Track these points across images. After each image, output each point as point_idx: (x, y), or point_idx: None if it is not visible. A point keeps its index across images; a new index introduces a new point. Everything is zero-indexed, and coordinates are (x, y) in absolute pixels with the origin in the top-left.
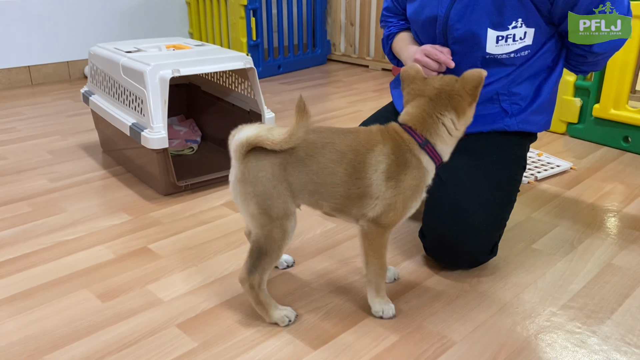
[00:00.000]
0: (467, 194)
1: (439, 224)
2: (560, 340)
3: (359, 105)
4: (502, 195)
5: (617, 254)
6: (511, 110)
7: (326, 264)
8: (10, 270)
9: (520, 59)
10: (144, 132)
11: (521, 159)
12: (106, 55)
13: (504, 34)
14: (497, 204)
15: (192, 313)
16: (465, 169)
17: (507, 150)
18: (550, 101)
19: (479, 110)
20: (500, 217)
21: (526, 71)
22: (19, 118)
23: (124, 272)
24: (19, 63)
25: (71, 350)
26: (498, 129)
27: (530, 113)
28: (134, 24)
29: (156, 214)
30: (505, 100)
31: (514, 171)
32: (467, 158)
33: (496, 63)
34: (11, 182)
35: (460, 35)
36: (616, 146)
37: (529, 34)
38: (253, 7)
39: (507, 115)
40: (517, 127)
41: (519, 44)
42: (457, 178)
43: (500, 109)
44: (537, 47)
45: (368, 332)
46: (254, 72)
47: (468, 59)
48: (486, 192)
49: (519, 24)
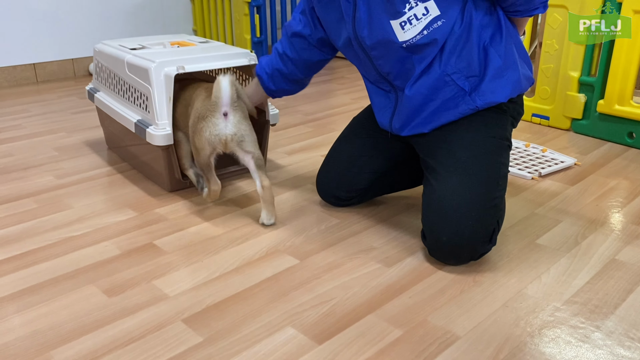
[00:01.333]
0: (452, 190)
1: (434, 224)
2: (564, 335)
3: (362, 101)
4: (489, 182)
5: (621, 250)
6: (470, 86)
7: (330, 259)
8: (17, 266)
9: (439, 31)
10: (149, 128)
11: (503, 138)
12: (111, 53)
13: (405, 19)
14: (485, 193)
15: (197, 308)
16: (448, 164)
17: (487, 133)
18: (507, 62)
19: (442, 99)
20: (491, 205)
21: (459, 40)
22: (25, 115)
23: (130, 267)
24: (24, 60)
25: (78, 344)
26: (466, 112)
27: (488, 82)
28: (139, 22)
29: (161, 210)
30: (458, 77)
31: (498, 153)
32: (449, 152)
33: (419, 47)
34: (17, 179)
35: (372, 42)
36: (621, 142)
37: (430, 7)
38: (257, 4)
39: (466, 93)
40: (483, 102)
41: (425, 19)
42: (442, 175)
43: (458, 88)
44: (452, 12)
45: (372, 327)
46: None
47: (392, 56)
48: (471, 183)
49: (413, 3)
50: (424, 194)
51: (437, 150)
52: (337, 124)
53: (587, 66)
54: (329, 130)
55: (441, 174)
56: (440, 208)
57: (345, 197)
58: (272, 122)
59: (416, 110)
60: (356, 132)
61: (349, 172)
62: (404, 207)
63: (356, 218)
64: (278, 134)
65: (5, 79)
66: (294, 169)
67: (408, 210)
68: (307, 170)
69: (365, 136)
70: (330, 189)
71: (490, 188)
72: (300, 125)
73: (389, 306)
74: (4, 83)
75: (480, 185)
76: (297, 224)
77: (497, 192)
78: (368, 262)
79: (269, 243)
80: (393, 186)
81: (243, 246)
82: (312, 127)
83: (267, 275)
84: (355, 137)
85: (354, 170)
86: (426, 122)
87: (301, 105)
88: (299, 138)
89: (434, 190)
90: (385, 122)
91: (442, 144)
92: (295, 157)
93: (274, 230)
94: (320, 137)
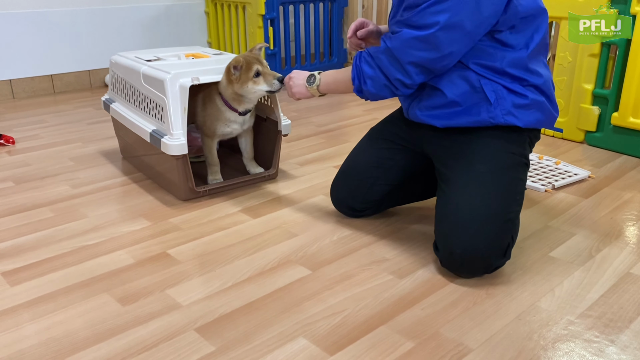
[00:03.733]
0: (470, 202)
1: (448, 236)
2: (578, 349)
3: (374, 113)
4: (506, 198)
5: (635, 263)
6: (495, 96)
7: (342, 270)
8: (33, 274)
9: None
10: (163, 138)
11: (522, 156)
12: (127, 64)
13: None
14: (502, 207)
15: (210, 317)
16: (465, 176)
17: (506, 149)
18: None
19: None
20: (507, 219)
21: None
22: (42, 125)
23: (144, 276)
24: (42, 72)
25: (92, 352)
26: (484, 122)
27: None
28: (154, 34)
29: (175, 220)
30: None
31: (516, 170)
32: (467, 164)
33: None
34: (34, 188)
35: None
36: (635, 155)
37: None
38: (271, 16)
39: (491, 105)
40: (503, 120)
41: None
42: (459, 187)
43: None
44: None
45: (384, 338)
46: None
47: None
48: (489, 197)
49: None
50: (438, 205)
51: (455, 161)
52: (350, 135)
53: (601, 78)
54: (342, 141)
55: (457, 185)
56: (456, 220)
57: (360, 208)
58: (285, 133)
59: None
60: (372, 143)
61: (364, 183)
62: (416, 219)
63: (368, 229)
64: (290, 144)
65: (23, 89)
66: (306, 180)
67: (421, 222)
68: (319, 181)
69: (382, 147)
70: (345, 200)
71: (507, 203)
72: (312, 137)
73: (401, 318)
74: (22, 94)
75: (497, 200)
76: (310, 235)
77: (514, 207)
78: (380, 274)
79: (282, 253)
80: (408, 197)
81: (255, 256)
82: (325, 138)
83: (280, 285)
84: (371, 148)
85: (369, 182)
86: (441, 117)
87: (313, 116)
88: (312, 149)
89: (449, 201)
90: (406, 106)
91: (460, 155)
92: (307, 168)
93: (286, 240)
94: (332, 149)
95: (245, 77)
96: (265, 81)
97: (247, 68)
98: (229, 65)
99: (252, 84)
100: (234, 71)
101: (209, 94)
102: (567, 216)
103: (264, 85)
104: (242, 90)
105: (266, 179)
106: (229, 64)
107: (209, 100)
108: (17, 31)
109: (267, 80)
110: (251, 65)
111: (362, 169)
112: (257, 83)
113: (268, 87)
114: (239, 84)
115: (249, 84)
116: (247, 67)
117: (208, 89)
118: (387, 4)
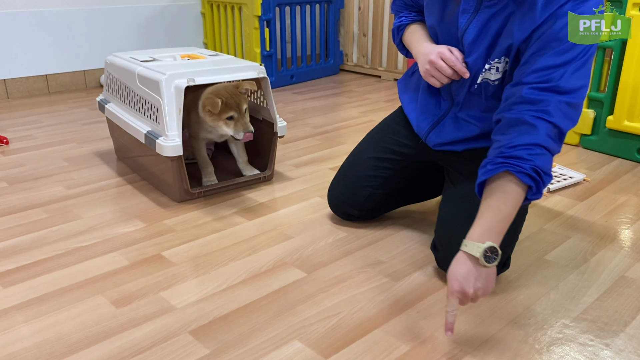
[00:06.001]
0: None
1: (450, 237)
2: (573, 352)
3: (371, 115)
4: None
5: (630, 267)
6: None
7: (338, 272)
8: (26, 276)
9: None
10: (158, 139)
11: None
12: (122, 65)
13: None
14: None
15: (204, 320)
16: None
17: None
18: None
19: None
20: (512, 230)
21: None
22: (36, 126)
23: (138, 278)
24: (37, 72)
25: (85, 355)
26: None
27: None
28: (150, 34)
29: (170, 222)
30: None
31: None
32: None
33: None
34: (28, 189)
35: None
36: (630, 158)
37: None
38: (267, 18)
39: None
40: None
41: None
42: (467, 191)
43: None
44: None
45: (379, 341)
46: (267, 82)
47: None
48: None
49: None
50: (444, 201)
51: (467, 166)
52: (346, 137)
53: (596, 82)
54: (338, 143)
55: (467, 188)
56: (462, 221)
57: (357, 215)
58: (280, 134)
59: (461, 131)
60: (371, 150)
61: (362, 191)
62: (412, 221)
63: (364, 232)
64: (286, 146)
65: (18, 89)
66: (302, 182)
67: (416, 225)
68: (315, 182)
69: (381, 157)
70: (342, 206)
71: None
72: (308, 138)
73: (396, 321)
74: (16, 94)
75: None
76: (305, 237)
77: (519, 218)
78: (375, 276)
79: (276, 256)
80: (406, 201)
81: (250, 258)
82: (321, 140)
83: (274, 288)
84: (370, 156)
85: (367, 190)
86: (463, 144)
87: (309, 118)
88: (307, 151)
89: (457, 200)
90: (423, 129)
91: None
92: (303, 169)
93: (281, 242)
94: (328, 150)
95: (219, 117)
96: (234, 127)
97: (224, 109)
98: (207, 103)
99: (223, 124)
100: (211, 108)
101: (194, 100)
102: (562, 219)
103: (232, 130)
104: (212, 123)
105: (262, 181)
106: (210, 99)
107: (193, 105)
108: (12, 31)
109: (236, 127)
110: (229, 110)
111: (361, 176)
112: (227, 125)
113: (234, 134)
114: (211, 118)
115: (220, 123)
116: (225, 109)
117: (195, 93)
118: (383, 6)
